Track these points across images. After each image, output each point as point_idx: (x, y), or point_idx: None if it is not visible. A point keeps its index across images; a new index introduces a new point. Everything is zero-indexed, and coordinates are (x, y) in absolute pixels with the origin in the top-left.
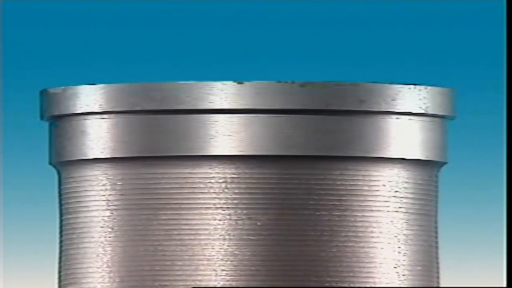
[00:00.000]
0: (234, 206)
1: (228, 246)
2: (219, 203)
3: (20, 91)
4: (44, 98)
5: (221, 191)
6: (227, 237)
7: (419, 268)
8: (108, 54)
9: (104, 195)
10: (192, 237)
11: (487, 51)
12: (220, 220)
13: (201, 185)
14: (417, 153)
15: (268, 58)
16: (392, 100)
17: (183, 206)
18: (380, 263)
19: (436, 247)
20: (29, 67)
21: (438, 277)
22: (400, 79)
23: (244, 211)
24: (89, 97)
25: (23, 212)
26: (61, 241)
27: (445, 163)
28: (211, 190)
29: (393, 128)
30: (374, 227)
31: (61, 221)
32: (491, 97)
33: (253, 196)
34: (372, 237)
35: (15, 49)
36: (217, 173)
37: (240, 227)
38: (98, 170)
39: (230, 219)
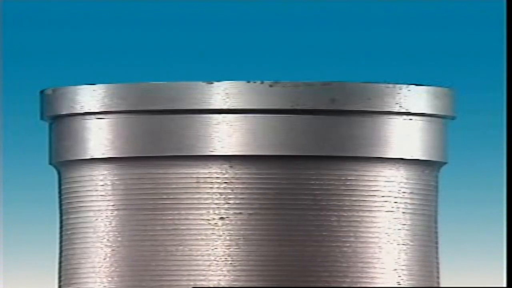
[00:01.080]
0: (206, 207)
1: (200, 246)
2: (193, 203)
3: (20, 91)
4: (44, 98)
5: (194, 191)
6: (198, 237)
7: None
8: (108, 54)
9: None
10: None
11: (487, 51)
12: (193, 219)
13: (192, 185)
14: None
15: (268, 58)
16: (368, 99)
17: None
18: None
19: (436, 247)
20: (29, 67)
21: (438, 277)
22: (400, 79)
23: (216, 211)
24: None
25: (23, 212)
26: (61, 241)
27: (445, 163)
28: (196, 190)
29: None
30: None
31: (61, 221)
32: (491, 97)
33: (224, 196)
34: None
35: (15, 49)
36: (190, 173)
37: (212, 227)
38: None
39: (202, 219)
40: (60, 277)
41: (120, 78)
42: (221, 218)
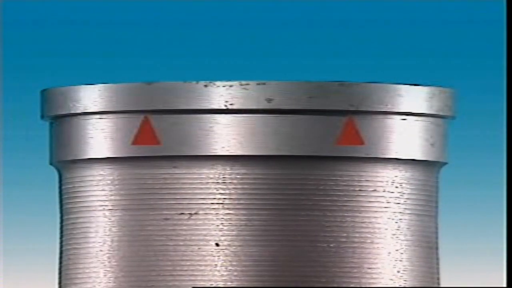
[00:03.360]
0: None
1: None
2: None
3: (20, 91)
4: (44, 98)
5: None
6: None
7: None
8: (108, 54)
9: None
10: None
11: (487, 51)
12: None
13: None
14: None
15: (267, 57)
16: (309, 97)
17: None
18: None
19: (436, 247)
20: (30, 67)
21: (438, 277)
22: (400, 79)
23: (172, 212)
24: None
25: (23, 212)
26: (61, 241)
27: (445, 163)
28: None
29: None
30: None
31: (61, 221)
32: (491, 97)
33: (166, 197)
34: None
35: (15, 49)
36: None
37: (163, 227)
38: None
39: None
40: (60, 277)
41: (120, 78)
42: (166, 219)
